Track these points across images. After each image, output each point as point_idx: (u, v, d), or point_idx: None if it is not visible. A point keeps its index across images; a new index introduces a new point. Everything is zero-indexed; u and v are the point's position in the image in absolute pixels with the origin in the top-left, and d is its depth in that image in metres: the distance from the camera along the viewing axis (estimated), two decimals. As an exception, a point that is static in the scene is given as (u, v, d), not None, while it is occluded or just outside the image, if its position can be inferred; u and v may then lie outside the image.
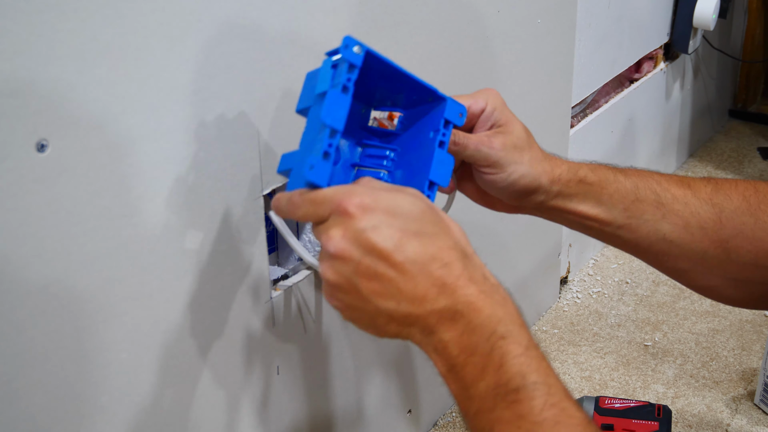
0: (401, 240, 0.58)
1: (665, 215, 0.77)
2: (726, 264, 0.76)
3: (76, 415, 0.66)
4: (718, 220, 0.76)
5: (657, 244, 0.77)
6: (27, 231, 0.59)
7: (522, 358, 0.56)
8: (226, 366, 0.79)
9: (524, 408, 0.54)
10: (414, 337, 0.59)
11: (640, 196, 0.77)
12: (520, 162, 0.75)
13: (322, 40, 0.79)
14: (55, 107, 0.59)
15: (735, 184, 0.77)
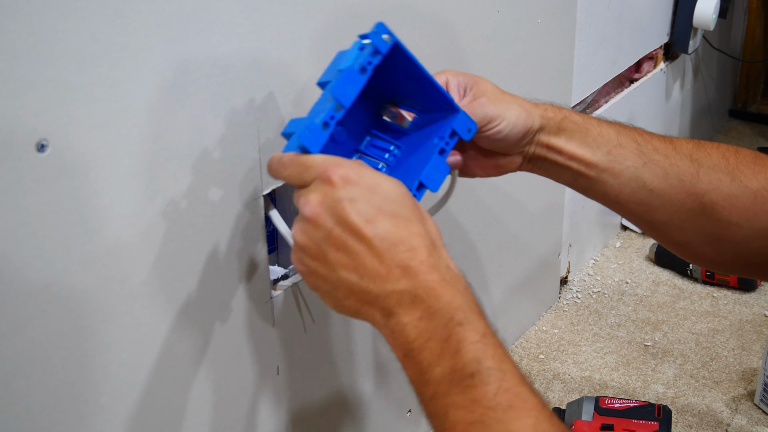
0: (375, 217, 0.60)
1: (646, 164, 0.78)
2: (701, 218, 0.78)
3: (76, 415, 0.66)
4: (696, 173, 0.77)
5: (638, 192, 0.79)
6: (27, 231, 0.59)
7: (478, 345, 0.57)
8: (226, 366, 0.79)
9: (478, 393, 0.55)
10: (374, 317, 0.60)
11: (622, 142, 0.79)
12: (511, 106, 0.77)
13: (322, 40, 0.79)
14: (55, 107, 0.59)
15: (717, 146, 0.80)
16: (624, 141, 0.79)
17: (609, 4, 1.32)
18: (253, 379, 0.83)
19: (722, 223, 0.77)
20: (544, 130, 0.78)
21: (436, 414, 0.57)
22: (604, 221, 1.52)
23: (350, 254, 0.60)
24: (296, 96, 0.78)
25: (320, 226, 0.61)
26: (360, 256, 0.59)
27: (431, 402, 0.58)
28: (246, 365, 0.81)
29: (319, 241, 0.61)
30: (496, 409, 0.55)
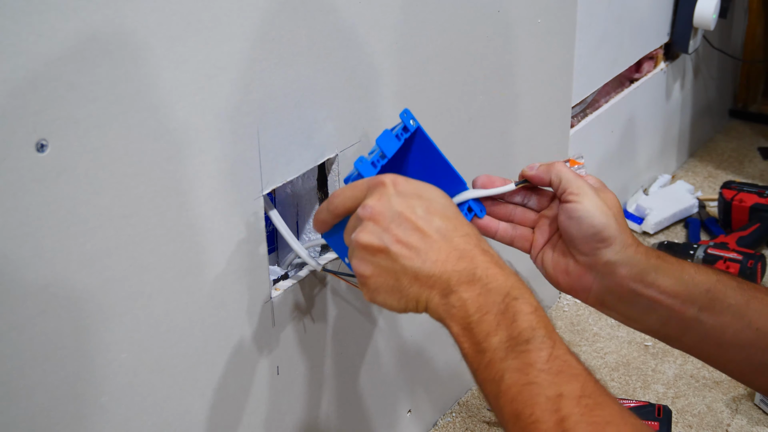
0: (427, 213, 0.66)
1: (749, 301, 0.72)
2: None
3: (76, 415, 0.66)
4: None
5: (743, 333, 0.72)
6: (27, 231, 0.59)
7: (532, 316, 0.62)
8: (226, 366, 0.79)
9: (533, 357, 0.60)
10: (432, 300, 0.65)
11: (722, 279, 0.73)
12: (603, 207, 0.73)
13: (322, 40, 0.79)
14: (55, 107, 0.59)
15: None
16: (724, 279, 0.73)
17: (609, 4, 1.32)
18: (253, 379, 0.83)
19: None
20: (630, 264, 0.72)
21: (492, 379, 0.61)
22: (605, 221, 1.52)
23: (411, 246, 0.65)
24: (296, 96, 0.78)
25: (380, 222, 0.66)
26: (420, 247, 0.65)
27: (487, 368, 0.62)
28: (246, 365, 0.81)
29: (381, 236, 0.66)
30: (549, 372, 0.59)
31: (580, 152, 0.79)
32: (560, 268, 0.77)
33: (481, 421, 1.13)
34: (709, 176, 1.78)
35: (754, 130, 1.97)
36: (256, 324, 0.81)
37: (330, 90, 0.82)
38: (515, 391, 0.59)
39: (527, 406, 0.58)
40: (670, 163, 1.76)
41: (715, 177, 1.77)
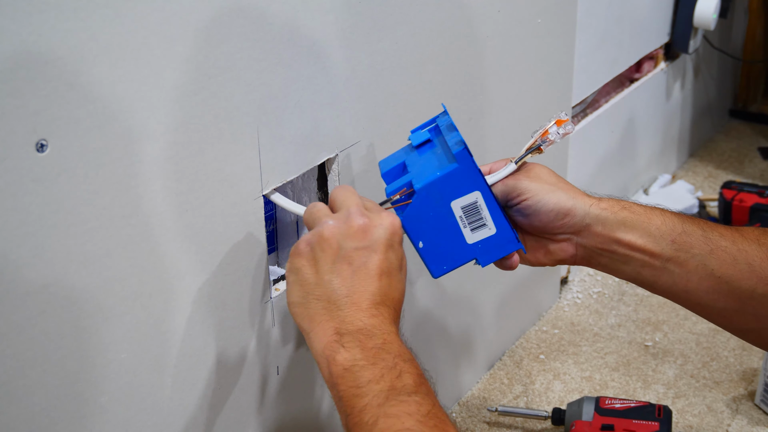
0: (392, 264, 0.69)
1: (713, 251, 0.76)
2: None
3: (76, 415, 0.66)
4: (766, 257, 0.76)
5: (706, 281, 0.77)
6: (27, 231, 0.59)
7: (418, 378, 0.65)
8: (226, 366, 0.79)
9: (413, 408, 0.62)
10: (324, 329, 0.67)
11: (686, 230, 0.78)
12: (552, 188, 0.79)
13: (322, 40, 0.79)
14: (55, 107, 0.59)
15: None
16: (689, 229, 0.78)
17: (609, 4, 1.32)
18: (253, 379, 0.83)
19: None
20: (600, 221, 0.78)
21: (365, 422, 0.62)
22: (605, 221, 1.52)
23: (353, 274, 0.67)
24: (296, 96, 0.78)
25: (353, 235, 0.68)
26: (358, 280, 0.67)
27: (361, 413, 0.62)
28: (246, 365, 0.81)
29: (342, 243, 0.68)
30: (425, 425, 0.61)
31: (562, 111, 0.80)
32: (540, 254, 0.82)
33: (482, 421, 1.13)
34: (710, 176, 1.78)
35: (755, 130, 1.97)
36: (256, 324, 0.81)
37: (330, 90, 0.82)
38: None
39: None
40: (671, 163, 1.76)
41: (716, 177, 1.77)
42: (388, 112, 0.90)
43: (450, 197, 0.76)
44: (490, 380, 1.21)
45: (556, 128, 0.79)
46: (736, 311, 0.78)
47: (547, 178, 0.80)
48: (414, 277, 1.02)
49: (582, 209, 0.79)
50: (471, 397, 1.17)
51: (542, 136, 0.79)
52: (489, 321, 1.20)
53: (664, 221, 0.78)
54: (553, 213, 0.79)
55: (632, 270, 0.80)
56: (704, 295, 0.78)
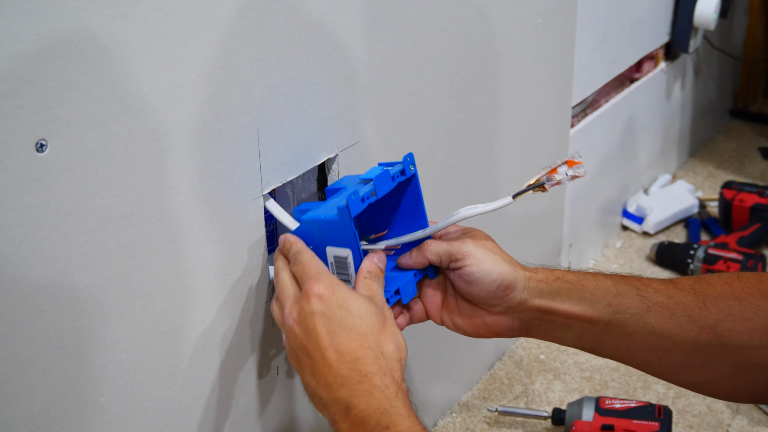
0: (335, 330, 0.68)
1: (649, 308, 0.76)
2: (720, 350, 0.75)
3: (76, 415, 0.66)
4: (703, 306, 0.75)
5: (647, 339, 0.77)
6: (27, 231, 0.59)
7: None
8: (226, 366, 0.79)
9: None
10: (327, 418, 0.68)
11: (621, 291, 0.77)
12: (494, 257, 0.78)
13: (321, 40, 0.79)
14: (55, 107, 0.59)
15: (718, 275, 0.78)
16: (623, 289, 0.78)
17: (609, 4, 1.32)
18: (253, 379, 0.83)
19: (744, 349, 0.74)
20: (536, 294, 0.78)
21: None
22: (605, 221, 1.52)
23: (312, 362, 0.68)
24: (296, 96, 0.78)
25: (296, 336, 0.69)
26: (318, 365, 0.68)
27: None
28: (246, 365, 0.81)
29: (294, 347, 0.70)
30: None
31: (576, 151, 0.77)
32: (477, 324, 0.81)
33: (482, 421, 1.13)
34: (710, 176, 1.78)
35: (755, 130, 1.97)
36: (256, 324, 0.81)
37: (330, 90, 0.82)
38: None
39: None
40: (671, 163, 1.76)
41: (716, 177, 1.77)
42: (388, 112, 0.90)
43: (326, 241, 0.75)
44: (490, 380, 1.21)
45: (566, 168, 0.75)
46: (683, 365, 0.77)
47: (491, 246, 0.79)
48: (414, 277, 1.02)
49: (522, 283, 0.78)
50: (471, 397, 1.17)
51: (549, 174, 0.76)
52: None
53: (597, 286, 0.78)
54: (495, 284, 0.77)
55: (573, 337, 0.79)
56: (648, 353, 0.78)
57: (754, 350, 0.74)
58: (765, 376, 0.75)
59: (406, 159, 0.77)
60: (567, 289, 0.78)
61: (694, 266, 1.41)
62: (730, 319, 0.74)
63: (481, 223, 1.12)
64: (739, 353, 0.75)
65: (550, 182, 0.76)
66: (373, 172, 0.76)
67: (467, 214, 0.77)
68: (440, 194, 1.01)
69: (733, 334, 0.74)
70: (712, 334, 0.75)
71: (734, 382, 0.77)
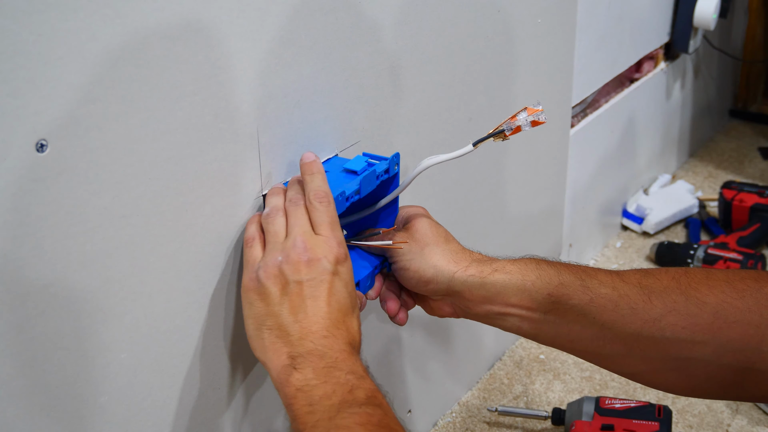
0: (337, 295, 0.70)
1: (592, 299, 0.77)
2: (662, 343, 0.75)
3: (76, 415, 0.66)
4: (648, 299, 0.76)
5: (588, 329, 0.77)
6: (27, 231, 0.59)
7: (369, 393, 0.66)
8: (226, 366, 0.79)
9: (365, 419, 0.63)
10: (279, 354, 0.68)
11: (563, 281, 0.78)
12: (417, 249, 0.80)
13: (321, 40, 0.79)
14: (55, 107, 0.59)
15: (666, 270, 0.78)
16: (566, 280, 0.78)
17: (609, 4, 1.32)
18: (253, 379, 0.83)
19: (686, 344, 0.75)
20: (466, 286, 0.79)
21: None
22: (605, 221, 1.52)
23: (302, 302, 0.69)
24: (296, 96, 0.78)
25: (300, 269, 0.69)
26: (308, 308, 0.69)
27: (314, 427, 0.63)
28: (246, 365, 0.81)
29: (290, 277, 0.69)
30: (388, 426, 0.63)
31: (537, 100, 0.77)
32: (427, 307, 0.85)
33: (481, 421, 1.13)
34: (710, 176, 1.78)
35: (755, 130, 1.97)
36: (256, 324, 0.81)
37: (330, 90, 0.82)
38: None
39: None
40: (671, 163, 1.76)
41: (716, 177, 1.77)
42: (387, 112, 0.90)
43: None
44: (490, 380, 1.21)
45: (525, 115, 0.75)
46: (624, 355, 0.78)
47: (421, 237, 0.81)
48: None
49: (445, 277, 0.79)
50: (471, 397, 1.17)
51: (509, 121, 0.76)
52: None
53: (540, 276, 0.78)
54: (413, 280, 0.80)
55: (512, 324, 0.80)
56: (589, 342, 0.78)
57: (695, 346, 0.74)
58: (705, 371, 0.75)
59: (393, 159, 0.79)
60: (504, 281, 0.78)
61: (694, 266, 1.41)
62: (674, 314, 0.75)
63: (481, 222, 1.12)
64: (680, 348, 0.75)
65: (510, 129, 0.76)
66: (358, 164, 0.79)
67: (430, 162, 0.79)
68: (440, 194, 1.01)
69: (676, 329, 0.75)
70: (655, 328, 0.75)
71: (674, 375, 0.77)
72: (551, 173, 1.27)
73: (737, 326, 0.73)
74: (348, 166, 0.80)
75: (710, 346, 0.74)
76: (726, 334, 0.74)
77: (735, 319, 0.73)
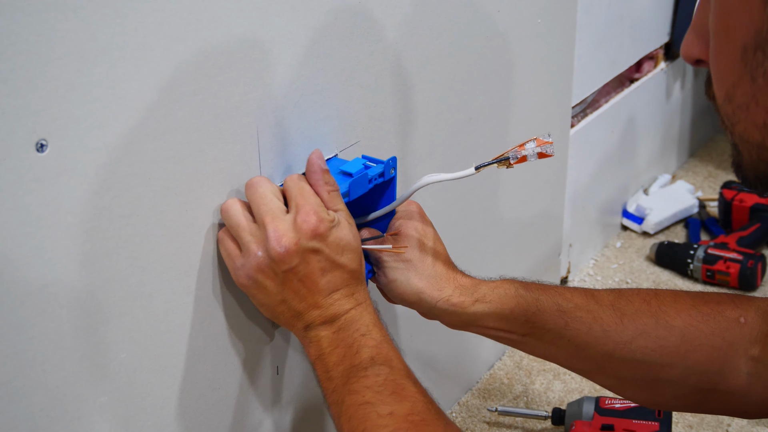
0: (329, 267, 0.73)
1: (567, 323, 0.81)
2: (632, 364, 0.80)
3: (76, 415, 0.66)
4: (620, 322, 0.80)
5: (563, 349, 0.82)
6: (27, 231, 0.59)
7: (374, 349, 0.71)
8: (226, 366, 0.79)
9: (369, 381, 0.69)
10: (296, 326, 0.74)
11: (541, 307, 0.82)
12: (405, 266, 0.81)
13: (321, 40, 0.79)
14: (55, 107, 0.59)
15: (637, 291, 0.82)
16: (543, 306, 0.82)
17: (609, 4, 1.32)
18: (253, 379, 0.83)
19: (654, 366, 0.79)
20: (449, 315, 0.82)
21: (336, 401, 0.70)
22: (605, 221, 1.52)
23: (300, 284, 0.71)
24: (296, 96, 0.78)
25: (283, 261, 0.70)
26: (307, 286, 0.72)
27: (333, 393, 0.71)
28: (246, 365, 0.81)
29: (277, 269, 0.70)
30: (382, 393, 0.68)
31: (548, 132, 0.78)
32: None
33: (481, 421, 1.13)
34: (710, 176, 1.78)
35: (755, 130, 1.97)
36: (256, 324, 0.81)
37: (330, 90, 0.82)
38: (352, 411, 0.67)
39: (360, 422, 0.66)
40: (671, 163, 1.76)
41: (716, 177, 1.77)
42: (387, 112, 0.90)
43: None
44: (490, 380, 1.21)
45: (533, 145, 0.75)
46: (596, 371, 0.84)
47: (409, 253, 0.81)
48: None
49: (428, 304, 0.81)
50: (471, 397, 1.17)
51: (518, 149, 0.76)
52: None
53: (518, 304, 0.82)
54: (399, 299, 0.82)
55: (492, 338, 0.86)
56: (564, 360, 0.84)
57: (663, 368, 0.79)
58: (671, 391, 0.80)
59: (389, 162, 0.80)
60: (484, 311, 0.82)
61: (694, 266, 1.41)
62: (644, 336, 0.79)
63: (480, 222, 1.12)
64: (649, 369, 0.80)
65: (515, 158, 0.76)
66: (355, 167, 0.79)
67: (430, 180, 0.79)
68: (440, 193, 1.01)
69: (646, 352, 0.79)
70: (626, 349, 0.80)
71: (642, 392, 0.83)
72: (551, 173, 1.27)
73: (702, 349, 0.77)
74: (345, 168, 0.80)
75: (677, 368, 0.79)
76: (692, 357, 0.78)
77: (700, 342, 0.78)
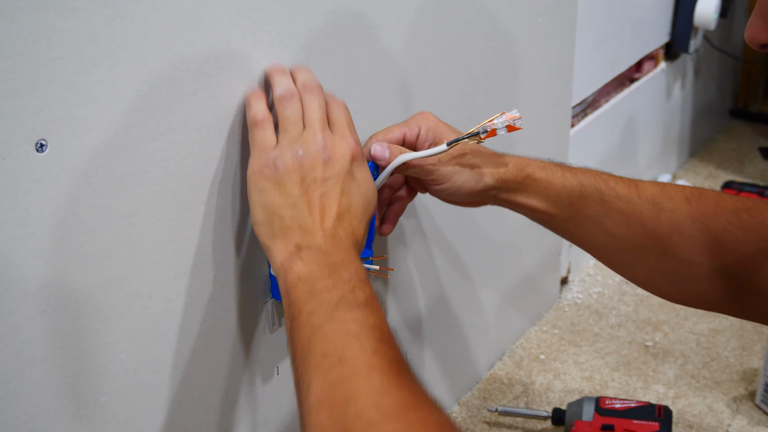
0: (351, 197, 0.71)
1: (608, 212, 0.82)
2: (663, 259, 0.82)
3: (76, 415, 0.66)
4: (657, 218, 0.81)
5: (600, 237, 0.84)
6: (27, 231, 0.59)
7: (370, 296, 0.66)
8: (226, 366, 0.79)
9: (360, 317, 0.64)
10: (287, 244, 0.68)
11: (584, 192, 0.83)
12: (461, 171, 0.82)
13: (321, 40, 0.79)
14: (54, 107, 0.59)
15: (681, 189, 0.83)
16: (587, 191, 0.83)
17: (609, 4, 1.32)
18: (253, 379, 0.83)
19: (684, 263, 0.81)
20: (504, 190, 0.84)
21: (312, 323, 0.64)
22: (605, 221, 1.52)
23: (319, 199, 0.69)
24: (296, 96, 0.78)
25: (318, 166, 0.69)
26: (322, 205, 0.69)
27: (311, 314, 0.64)
28: (246, 365, 0.81)
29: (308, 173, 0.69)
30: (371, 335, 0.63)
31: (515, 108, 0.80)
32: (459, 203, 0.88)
33: (481, 421, 1.13)
34: (710, 176, 1.78)
35: (755, 130, 1.97)
36: (256, 324, 0.81)
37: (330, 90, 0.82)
38: (332, 335, 0.62)
39: (338, 347, 0.62)
40: (671, 163, 1.76)
41: (716, 177, 1.77)
42: (388, 112, 0.90)
43: None
44: (490, 380, 1.21)
45: (502, 119, 0.77)
46: (628, 265, 0.86)
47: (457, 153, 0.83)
48: (415, 277, 1.02)
49: (488, 184, 0.83)
50: (471, 397, 1.17)
51: (487, 123, 0.78)
52: (489, 321, 1.20)
53: (564, 185, 0.84)
54: (465, 198, 0.84)
55: (534, 219, 0.87)
56: (598, 249, 0.86)
57: (692, 265, 0.81)
58: (697, 287, 0.82)
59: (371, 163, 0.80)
60: (533, 187, 0.84)
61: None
62: (678, 235, 0.80)
63: (480, 221, 1.12)
64: (678, 265, 0.82)
65: (485, 131, 0.78)
66: None
67: (404, 159, 0.80)
68: (440, 194, 1.01)
69: (677, 249, 0.81)
70: (658, 244, 0.81)
71: (670, 287, 0.85)
72: (551, 173, 1.27)
73: (734, 254, 0.79)
74: None
75: (705, 267, 0.80)
76: (722, 259, 0.79)
77: (733, 247, 0.78)
